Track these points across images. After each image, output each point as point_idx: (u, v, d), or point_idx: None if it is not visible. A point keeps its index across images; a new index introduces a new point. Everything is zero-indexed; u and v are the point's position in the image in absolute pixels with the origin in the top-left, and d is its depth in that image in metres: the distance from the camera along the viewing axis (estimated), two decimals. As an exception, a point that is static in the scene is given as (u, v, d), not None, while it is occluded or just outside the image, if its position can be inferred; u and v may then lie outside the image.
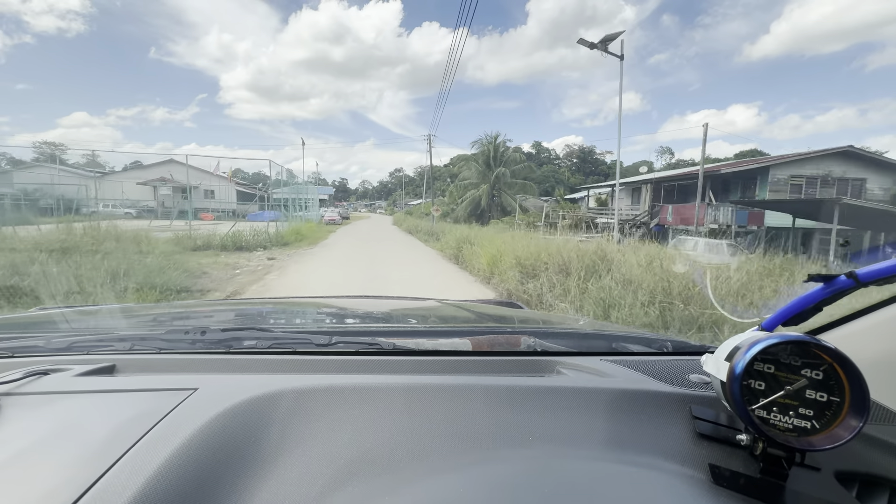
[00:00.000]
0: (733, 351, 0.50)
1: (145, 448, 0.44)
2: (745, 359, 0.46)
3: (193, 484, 0.40)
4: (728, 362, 0.48)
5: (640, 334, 1.05)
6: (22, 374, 0.60)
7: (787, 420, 0.46)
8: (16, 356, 0.73)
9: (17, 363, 0.70)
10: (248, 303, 2.19)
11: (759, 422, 0.45)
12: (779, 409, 0.46)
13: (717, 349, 0.54)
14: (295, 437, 0.50)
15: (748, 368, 0.46)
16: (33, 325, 1.08)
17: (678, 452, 0.51)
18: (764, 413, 0.46)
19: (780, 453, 0.46)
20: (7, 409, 0.52)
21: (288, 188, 26.21)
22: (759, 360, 0.47)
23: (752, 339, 0.48)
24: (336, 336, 0.81)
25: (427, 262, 11.16)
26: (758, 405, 0.46)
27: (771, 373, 0.47)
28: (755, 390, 0.47)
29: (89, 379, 0.63)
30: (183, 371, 0.69)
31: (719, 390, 0.51)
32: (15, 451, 0.43)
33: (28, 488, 0.38)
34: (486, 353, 0.83)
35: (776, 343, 0.46)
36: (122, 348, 0.77)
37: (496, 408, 0.57)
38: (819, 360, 0.46)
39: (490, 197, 27.99)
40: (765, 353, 0.46)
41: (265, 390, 0.56)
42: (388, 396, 0.58)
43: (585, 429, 0.54)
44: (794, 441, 0.45)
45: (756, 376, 0.47)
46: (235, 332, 0.83)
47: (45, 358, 0.72)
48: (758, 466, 0.47)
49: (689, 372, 0.69)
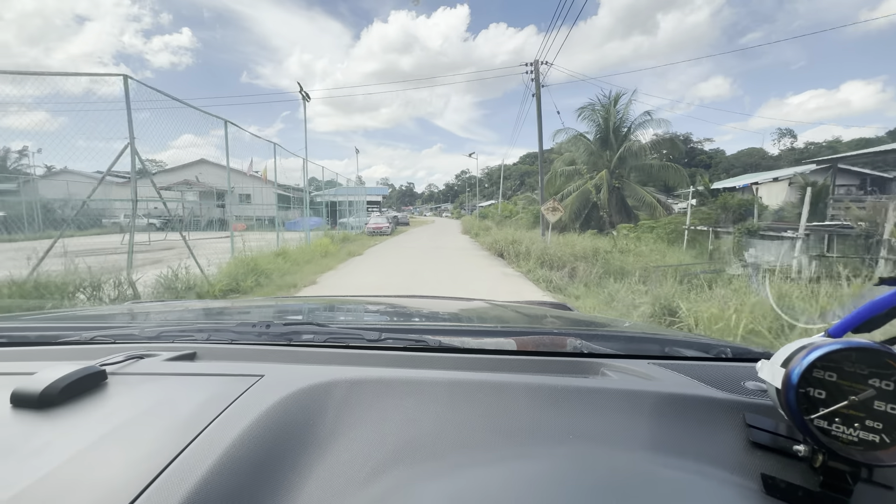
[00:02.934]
0: (790, 356, 0.47)
1: (221, 425, 0.49)
2: (803, 365, 0.44)
3: (261, 457, 0.45)
4: (784, 368, 0.46)
5: (696, 339, 1.00)
6: (123, 357, 0.68)
7: (851, 432, 0.43)
8: (117, 342, 0.84)
9: (118, 348, 0.78)
10: (305, 300, 2.37)
11: (819, 432, 0.43)
12: (842, 420, 0.43)
13: (774, 355, 0.51)
14: (347, 422, 0.53)
15: (806, 375, 0.44)
16: (128, 317, 1.24)
17: (728, 460, 0.49)
18: (824, 423, 0.43)
19: (844, 467, 0.43)
20: (113, 385, 0.59)
21: (332, 190, 20.14)
22: (819, 368, 0.44)
23: (812, 344, 0.46)
24: (385, 332, 0.86)
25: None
26: (817, 415, 0.43)
27: (833, 381, 0.44)
28: (814, 399, 0.44)
29: (175, 363, 0.70)
30: (251, 360, 0.75)
31: (775, 398, 0.48)
32: (121, 421, 0.50)
33: (133, 450, 0.44)
34: (530, 352, 0.83)
35: (838, 350, 0.43)
36: (200, 338, 0.86)
37: (537, 405, 0.57)
38: (890, 370, 0.43)
39: (610, 190, 18.28)
40: (826, 360, 0.43)
41: (322, 379, 0.60)
42: (434, 390, 0.60)
43: (628, 431, 0.53)
44: (859, 455, 0.42)
45: (816, 384, 0.44)
46: (296, 327, 0.92)
47: (139, 344, 0.83)
48: (817, 480, 0.45)
49: (745, 379, 0.67)
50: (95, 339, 0.86)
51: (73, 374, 0.55)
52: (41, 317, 1.23)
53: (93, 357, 0.67)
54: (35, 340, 0.89)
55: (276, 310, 1.47)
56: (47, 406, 0.51)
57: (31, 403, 0.51)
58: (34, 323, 1.07)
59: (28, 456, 0.42)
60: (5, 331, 0.96)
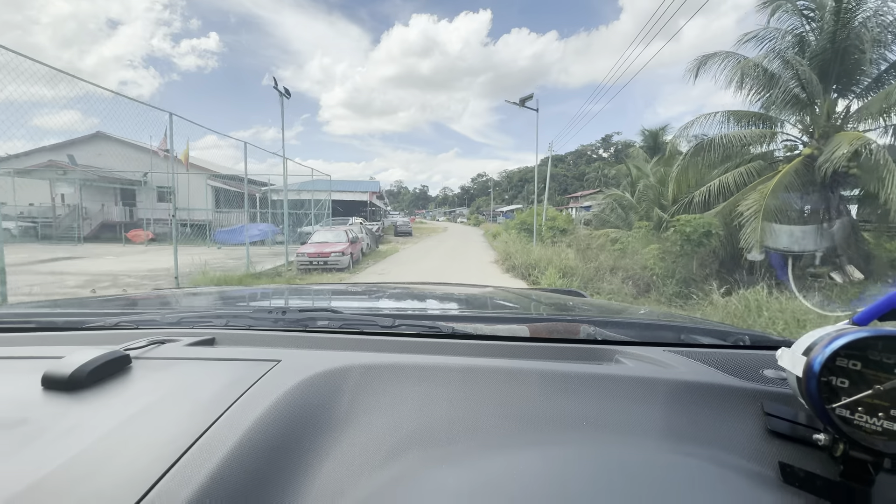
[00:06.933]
0: (812, 345, 0.46)
1: (240, 408, 0.49)
2: (825, 353, 0.43)
3: (280, 439, 0.46)
4: (805, 357, 0.45)
5: (713, 326, 0.99)
6: (146, 342, 0.69)
7: (874, 422, 0.42)
8: (140, 328, 0.85)
9: (141, 333, 0.79)
10: (321, 288, 2.22)
11: (841, 422, 0.42)
12: (865, 409, 0.42)
13: (795, 343, 0.50)
14: (362, 407, 0.54)
15: (829, 364, 0.43)
16: (151, 303, 1.29)
17: (745, 448, 0.49)
18: (846, 413, 0.42)
19: (866, 457, 0.42)
20: (137, 369, 0.61)
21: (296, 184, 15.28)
22: (842, 356, 0.43)
23: (835, 332, 0.44)
24: (399, 319, 0.85)
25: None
26: (839, 403, 0.42)
27: (857, 370, 0.43)
28: (837, 388, 0.43)
29: (195, 348, 0.71)
30: (268, 345, 0.75)
31: (795, 387, 0.48)
32: (145, 404, 0.51)
33: (158, 431, 0.46)
34: (543, 339, 0.83)
35: (864, 338, 0.42)
36: (219, 324, 0.86)
37: (551, 392, 0.57)
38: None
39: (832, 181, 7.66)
40: (850, 348, 0.42)
41: (337, 365, 0.61)
42: (447, 376, 0.60)
43: (643, 418, 0.53)
44: (882, 445, 0.41)
45: (839, 373, 0.43)
46: (311, 313, 0.93)
47: (161, 330, 0.83)
48: (837, 469, 0.44)
49: (764, 367, 0.66)
50: (119, 325, 0.87)
51: (100, 357, 0.56)
52: (67, 303, 1.29)
53: (117, 342, 0.68)
54: (62, 326, 0.90)
55: (292, 296, 1.52)
56: (76, 388, 0.52)
57: (61, 386, 0.52)
58: (61, 308, 1.11)
59: (60, 436, 0.44)
60: (34, 316, 0.99)
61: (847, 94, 8.75)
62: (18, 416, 0.48)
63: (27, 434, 0.44)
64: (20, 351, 0.70)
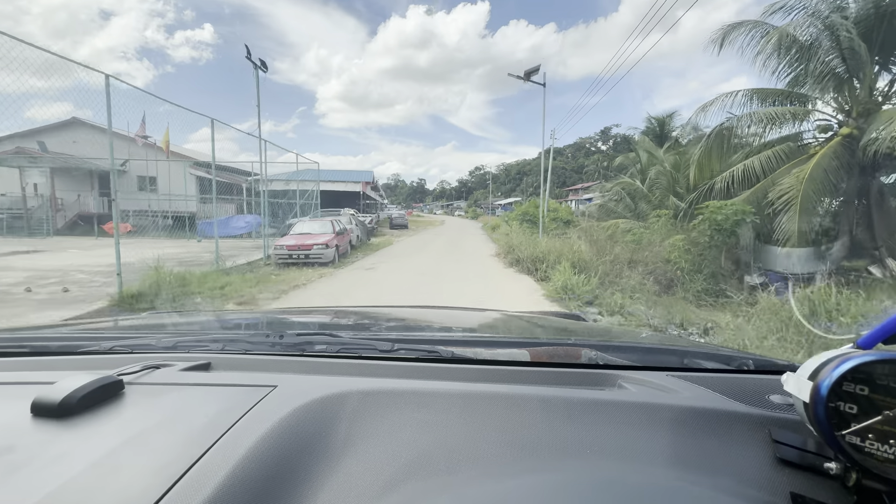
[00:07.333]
0: (818, 369, 0.45)
1: (235, 435, 0.48)
2: (832, 377, 0.42)
3: (274, 468, 0.45)
4: (812, 381, 0.44)
5: (716, 350, 0.97)
6: (140, 367, 0.68)
7: (886, 449, 0.40)
8: (134, 352, 0.84)
9: (135, 358, 0.77)
10: (319, 311, 2.15)
11: (852, 449, 0.41)
12: (875, 436, 0.40)
13: (801, 367, 0.49)
14: (360, 434, 0.52)
15: (836, 389, 0.42)
16: (146, 327, 1.24)
17: (754, 477, 0.47)
18: (857, 440, 0.41)
19: (880, 487, 0.41)
20: (130, 395, 0.59)
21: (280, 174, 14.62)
22: (849, 381, 0.42)
23: (841, 356, 0.44)
24: (398, 343, 0.84)
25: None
26: (849, 430, 0.41)
27: (865, 395, 0.42)
28: (845, 414, 0.42)
29: (190, 374, 0.70)
30: (264, 370, 0.73)
31: (802, 413, 0.46)
32: (138, 430, 0.50)
33: (149, 460, 0.45)
34: (544, 364, 0.82)
35: (870, 361, 0.41)
36: (215, 348, 0.85)
37: (552, 419, 0.56)
38: None
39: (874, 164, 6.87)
40: (857, 372, 0.41)
41: (334, 390, 0.60)
42: (447, 402, 0.59)
43: (647, 445, 0.52)
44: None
45: (846, 398, 0.42)
46: (308, 337, 0.91)
47: (156, 354, 0.82)
48: (851, 500, 0.43)
49: (770, 392, 0.64)
50: (113, 349, 0.86)
51: (91, 383, 0.55)
52: (61, 327, 1.29)
53: (111, 367, 0.67)
54: (55, 350, 0.89)
55: (289, 320, 1.48)
56: (66, 415, 0.51)
57: (50, 412, 0.51)
58: (54, 333, 1.09)
59: (48, 464, 0.43)
60: (27, 340, 0.97)
61: (890, 67, 7.82)
62: (5, 444, 0.46)
63: (13, 462, 0.43)
64: (11, 376, 0.69)
